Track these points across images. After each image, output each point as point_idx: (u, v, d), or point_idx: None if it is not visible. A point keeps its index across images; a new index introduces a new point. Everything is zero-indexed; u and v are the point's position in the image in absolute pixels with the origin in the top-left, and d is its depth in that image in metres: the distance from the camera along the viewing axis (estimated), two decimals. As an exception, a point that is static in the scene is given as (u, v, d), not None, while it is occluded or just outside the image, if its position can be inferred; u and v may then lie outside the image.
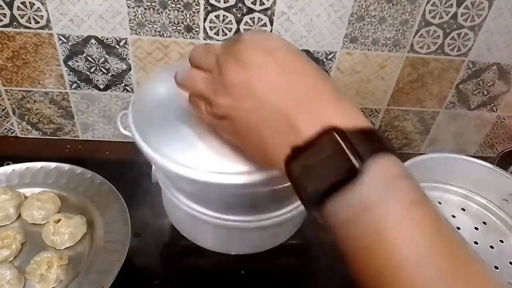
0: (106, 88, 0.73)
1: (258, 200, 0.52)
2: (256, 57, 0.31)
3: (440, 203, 0.67)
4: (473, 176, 0.66)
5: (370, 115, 0.79)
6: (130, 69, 0.71)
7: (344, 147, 0.27)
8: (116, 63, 0.70)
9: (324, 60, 0.71)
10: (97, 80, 0.72)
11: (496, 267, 0.60)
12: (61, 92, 0.73)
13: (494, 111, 0.81)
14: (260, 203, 0.53)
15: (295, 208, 0.55)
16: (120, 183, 0.66)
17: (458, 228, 0.64)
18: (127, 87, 0.73)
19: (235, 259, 0.62)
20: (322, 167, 0.27)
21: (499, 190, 0.65)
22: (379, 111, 0.79)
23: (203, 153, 0.42)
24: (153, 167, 0.57)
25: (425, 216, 0.26)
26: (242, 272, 0.63)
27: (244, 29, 0.67)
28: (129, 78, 0.72)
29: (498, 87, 0.77)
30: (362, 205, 0.26)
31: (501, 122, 0.82)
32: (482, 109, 0.80)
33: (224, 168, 0.41)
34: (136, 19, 0.65)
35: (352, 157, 0.27)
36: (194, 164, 0.41)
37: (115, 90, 0.73)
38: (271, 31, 0.67)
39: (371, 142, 0.28)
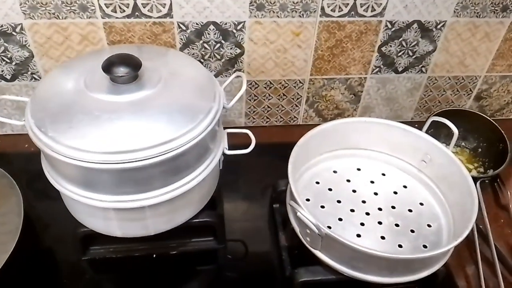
0: (14, 78, 0.70)
1: (151, 175, 0.50)
2: None
3: (359, 169, 0.65)
4: (390, 139, 0.63)
5: (295, 87, 0.77)
6: (33, 56, 0.68)
7: None
8: (17, 51, 0.67)
9: (234, 31, 0.68)
10: (2, 71, 0.69)
11: (412, 231, 0.57)
12: (-33, 86, 0.71)
13: (424, 73, 0.78)
14: (153, 178, 0.51)
15: (194, 178, 0.53)
16: (27, 175, 0.64)
17: (376, 194, 0.61)
18: (34, 75, 0.70)
19: (146, 244, 0.60)
20: None
21: (416, 151, 0.62)
22: (303, 81, 0.76)
23: (95, 138, 0.47)
24: (41, 156, 0.55)
25: None
26: (154, 256, 0.61)
27: (142, 4, 0.64)
28: (34, 65, 0.69)
29: (423, 46, 0.74)
30: None
31: (434, 83, 0.79)
32: (411, 71, 0.77)
33: (117, 147, 0.46)
34: (27, 2, 0.62)
35: None
36: (85, 147, 0.46)
37: (23, 79, 0.71)
38: (170, 4, 0.64)
39: None
